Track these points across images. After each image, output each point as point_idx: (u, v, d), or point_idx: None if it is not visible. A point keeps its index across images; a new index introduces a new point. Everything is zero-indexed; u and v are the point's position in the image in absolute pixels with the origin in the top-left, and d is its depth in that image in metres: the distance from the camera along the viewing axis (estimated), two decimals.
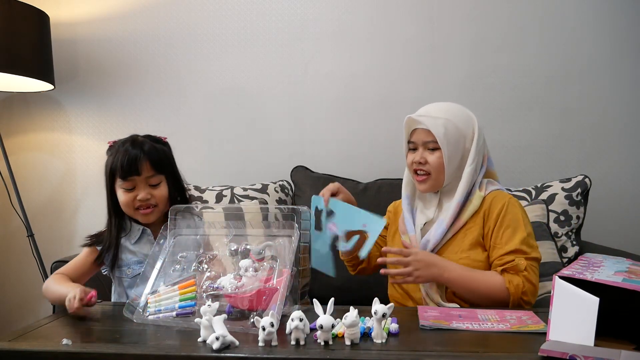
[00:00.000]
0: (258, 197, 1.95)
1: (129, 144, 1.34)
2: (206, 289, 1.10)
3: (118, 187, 1.35)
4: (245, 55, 2.18)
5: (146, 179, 1.33)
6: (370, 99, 2.15)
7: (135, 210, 1.35)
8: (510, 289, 1.20)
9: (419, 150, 1.35)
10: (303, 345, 0.89)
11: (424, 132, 1.33)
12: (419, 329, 0.99)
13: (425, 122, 1.32)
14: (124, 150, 1.33)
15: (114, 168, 1.33)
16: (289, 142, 2.18)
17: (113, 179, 1.35)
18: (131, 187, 1.33)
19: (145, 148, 1.34)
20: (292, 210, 1.15)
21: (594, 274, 0.89)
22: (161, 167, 1.36)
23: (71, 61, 2.20)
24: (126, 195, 1.33)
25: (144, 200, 1.33)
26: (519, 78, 2.10)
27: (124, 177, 1.32)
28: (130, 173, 1.31)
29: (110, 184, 1.36)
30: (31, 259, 2.06)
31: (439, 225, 1.31)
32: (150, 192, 1.34)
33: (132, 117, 2.21)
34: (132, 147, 1.33)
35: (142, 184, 1.33)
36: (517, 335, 0.96)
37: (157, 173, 1.35)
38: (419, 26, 2.13)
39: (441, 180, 1.34)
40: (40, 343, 0.95)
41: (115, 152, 1.34)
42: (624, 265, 0.98)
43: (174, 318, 1.06)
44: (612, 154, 2.08)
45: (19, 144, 2.22)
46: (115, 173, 1.33)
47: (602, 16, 2.08)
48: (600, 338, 0.82)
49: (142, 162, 1.32)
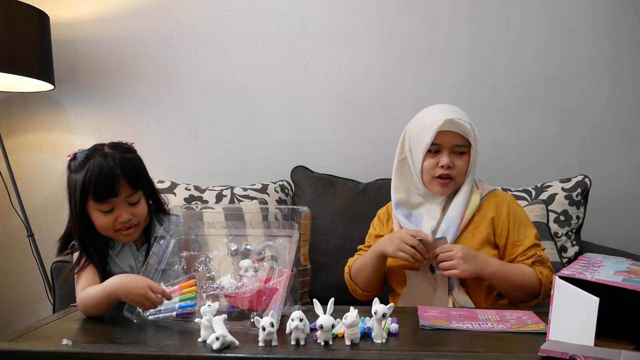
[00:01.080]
0: (258, 197, 1.95)
1: (100, 158, 1.18)
2: (206, 289, 1.10)
3: (92, 209, 1.20)
4: (245, 55, 2.18)
5: (125, 199, 1.20)
6: (370, 99, 2.15)
7: (116, 232, 1.22)
8: (542, 279, 1.25)
9: (443, 154, 1.32)
10: (303, 345, 0.89)
11: (454, 135, 1.31)
12: (419, 329, 0.99)
13: (467, 126, 1.30)
14: (97, 168, 1.17)
15: (86, 189, 1.16)
16: (289, 142, 2.18)
17: (84, 200, 1.18)
18: (109, 209, 1.19)
19: (119, 164, 1.18)
20: (292, 210, 1.15)
21: (594, 274, 0.89)
22: (139, 183, 1.23)
23: (71, 61, 2.20)
24: (105, 218, 1.19)
25: (126, 221, 1.20)
26: (519, 78, 2.10)
27: (101, 200, 1.17)
28: (107, 195, 1.17)
29: (80, 205, 1.19)
30: (31, 259, 2.06)
31: (451, 224, 1.32)
32: (131, 211, 1.21)
33: (132, 117, 2.21)
34: (105, 163, 1.17)
35: (121, 204, 1.20)
36: (517, 336, 0.96)
37: (135, 191, 1.22)
38: (419, 26, 2.13)
39: (460, 183, 1.36)
40: (40, 343, 0.95)
41: (84, 170, 1.17)
42: (624, 265, 0.98)
43: (174, 318, 1.06)
44: (612, 154, 2.08)
45: (19, 144, 2.22)
46: (87, 194, 1.17)
47: (602, 16, 2.08)
48: (600, 338, 0.82)
49: (120, 181, 1.18)
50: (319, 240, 1.87)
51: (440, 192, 1.36)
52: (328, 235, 1.88)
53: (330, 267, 1.85)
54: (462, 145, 1.33)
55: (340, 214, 1.90)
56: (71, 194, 1.21)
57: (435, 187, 1.35)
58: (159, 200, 1.33)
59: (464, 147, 1.33)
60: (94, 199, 1.18)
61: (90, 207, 1.20)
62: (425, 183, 1.36)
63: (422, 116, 1.38)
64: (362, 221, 1.60)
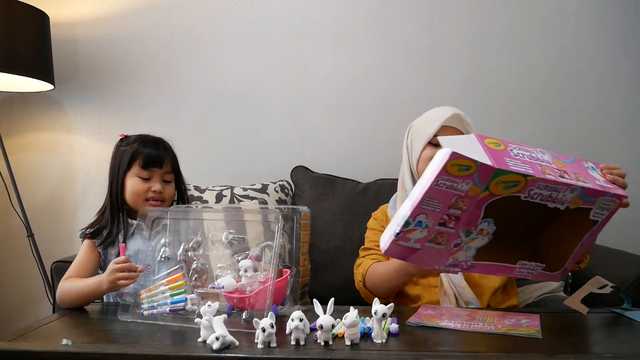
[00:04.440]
0: (258, 197, 1.95)
1: (153, 137, 1.42)
2: (195, 283, 1.10)
3: (132, 176, 1.37)
4: (245, 55, 2.18)
5: (163, 174, 1.39)
6: (370, 99, 2.15)
7: (145, 201, 1.37)
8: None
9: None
10: (303, 345, 0.89)
11: (456, 132, 1.35)
12: (419, 329, 0.99)
13: (471, 125, 1.35)
14: (151, 140, 1.40)
15: (136, 154, 1.36)
16: (289, 142, 2.18)
17: (128, 166, 1.36)
18: (147, 177, 1.37)
19: (168, 146, 1.42)
20: (292, 210, 1.15)
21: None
22: (176, 168, 1.44)
23: (71, 61, 2.20)
24: (141, 184, 1.36)
25: (158, 192, 1.36)
26: (519, 78, 2.10)
27: (146, 166, 1.36)
28: (154, 163, 1.36)
29: (122, 172, 1.37)
30: (31, 259, 2.06)
31: None
32: (163, 187, 1.39)
33: (132, 117, 2.20)
34: (158, 139, 1.42)
35: (158, 177, 1.38)
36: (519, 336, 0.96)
37: (171, 171, 1.42)
38: (418, 26, 2.13)
39: None
40: (40, 343, 0.95)
41: (138, 141, 1.38)
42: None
43: (168, 314, 1.07)
44: (612, 154, 2.08)
45: (19, 144, 2.22)
46: (136, 159, 1.36)
47: (602, 16, 2.08)
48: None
49: (165, 156, 1.39)
50: (319, 240, 1.87)
51: None
52: (328, 235, 1.88)
53: (330, 267, 1.85)
54: None
55: (340, 214, 1.90)
56: (116, 163, 1.39)
57: None
58: (183, 195, 1.49)
59: None
60: (140, 164, 1.36)
61: (131, 174, 1.37)
62: (420, 173, 1.37)
63: (431, 112, 1.41)
64: (362, 221, 1.60)
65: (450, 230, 0.92)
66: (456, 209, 0.89)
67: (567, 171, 0.95)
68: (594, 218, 1.01)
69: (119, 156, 1.39)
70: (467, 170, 0.84)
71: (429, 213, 0.88)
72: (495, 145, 0.92)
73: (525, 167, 0.90)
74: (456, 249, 0.97)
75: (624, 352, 0.89)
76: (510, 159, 0.90)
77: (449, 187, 0.86)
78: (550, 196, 0.93)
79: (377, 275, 1.34)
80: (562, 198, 0.94)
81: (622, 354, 0.87)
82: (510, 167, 0.87)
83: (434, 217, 0.89)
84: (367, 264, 1.38)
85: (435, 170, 0.84)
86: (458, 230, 0.93)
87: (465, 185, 0.86)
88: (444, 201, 0.88)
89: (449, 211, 0.89)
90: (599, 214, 1.01)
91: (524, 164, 0.90)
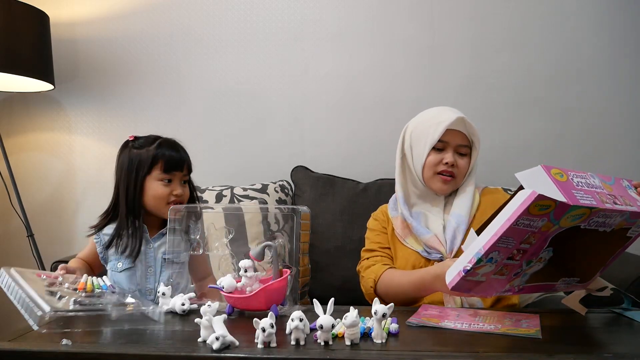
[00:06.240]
0: (258, 197, 1.95)
1: (167, 140, 1.38)
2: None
3: (153, 180, 1.33)
4: (245, 55, 2.18)
5: (182, 177, 1.38)
6: (370, 99, 2.15)
7: (167, 204, 1.32)
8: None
9: (448, 151, 1.33)
10: (303, 345, 0.89)
11: (460, 135, 1.33)
12: (419, 329, 0.99)
13: (475, 127, 1.34)
14: (170, 143, 1.37)
15: (157, 158, 1.32)
16: (289, 142, 2.18)
17: (150, 169, 1.32)
18: (169, 180, 1.34)
19: (183, 148, 1.40)
20: (292, 210, 1.15)
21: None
22: (191, 171, 1.42)
23: (71, 61, 2.20)
24: (163, 188, 1.33)
25: (179, 195, 1.35)
26: (519, 78, 2.10)
27: (168, 170, 1.33)
28: (176, 167, 1.34)
29: (142, 176, 1.32)
30: (31, 259, 2.06)
31: (461, 222, 1.32)
32: (182, 188, 1.38)
33: (132, 117, 2.20)
34: (176, 143, 1.39)
35: (178, 180, 1.36)
36: (519, 336, 0.96)
37: (188, 174, 1.41)
38: (418, 26, 2.13)
39: (458, 184, 1.38)
40: (40, 343, 0.95)
41: (155, 144, 1.34)
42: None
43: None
44: (612, 154, 2.08)
45: (19, 144, 2.22)
46: (156, 163, 1.32)
47: (602, 16, 2.08)
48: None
49: (185, 159, 1.38)
50: (319, 240, 1.87)
51: (440, 190, 1.36)
52: (328, 235, 1.88)
53: (330, 267, 1.85)
54: (466, 146, 1.35)
55: (340, 214, 1.90)
56: (132, 167, 1.33)
57: (437, 184, 1.35)
58: (193, 196, 1.47)
59: (467, 148, 1.36)
60: (162, 169, 1.33)
61: (151, 178, 1.33)
62: (426, 180, 1.36)
63: (429, 114, 1.38)
64: (362, 221, 1.60)
65: (516, 262, 0.93)
66: (526, 244, 0.90)
67: (615, 195, 0.96)
68: (630, 235, 1.03)
69: (134, 159, 1.33)
70: (547, 209, 0.85)
71: (502, 250, 0.89)
72: (560, 176, 0.93)
73: (589, 198, 0.91)
74: (515, 277, 0.98)
75: (624, 352, 0.89)
76: (576, 191, 0.91)
77: (526, 226, 0.86)
78: (604, 222, 0.95)
79: (393, 283, 1.29)
80: (612, 222, 0.96)
81: (622, 354, 0.87)
82: (580, 202, 0.88)
83: (505, 252, 0.90)
84: (379, 270, 1.33)
85: (517, 211, 0.84)
86: (522, 261, 0.94)
87: (540, 222, 0.87)
88: (517, 238, 0.88)
89: (520, 246, 0.90)
90: (635, 231, 1.03)
91: (586, 194, 0.91)
